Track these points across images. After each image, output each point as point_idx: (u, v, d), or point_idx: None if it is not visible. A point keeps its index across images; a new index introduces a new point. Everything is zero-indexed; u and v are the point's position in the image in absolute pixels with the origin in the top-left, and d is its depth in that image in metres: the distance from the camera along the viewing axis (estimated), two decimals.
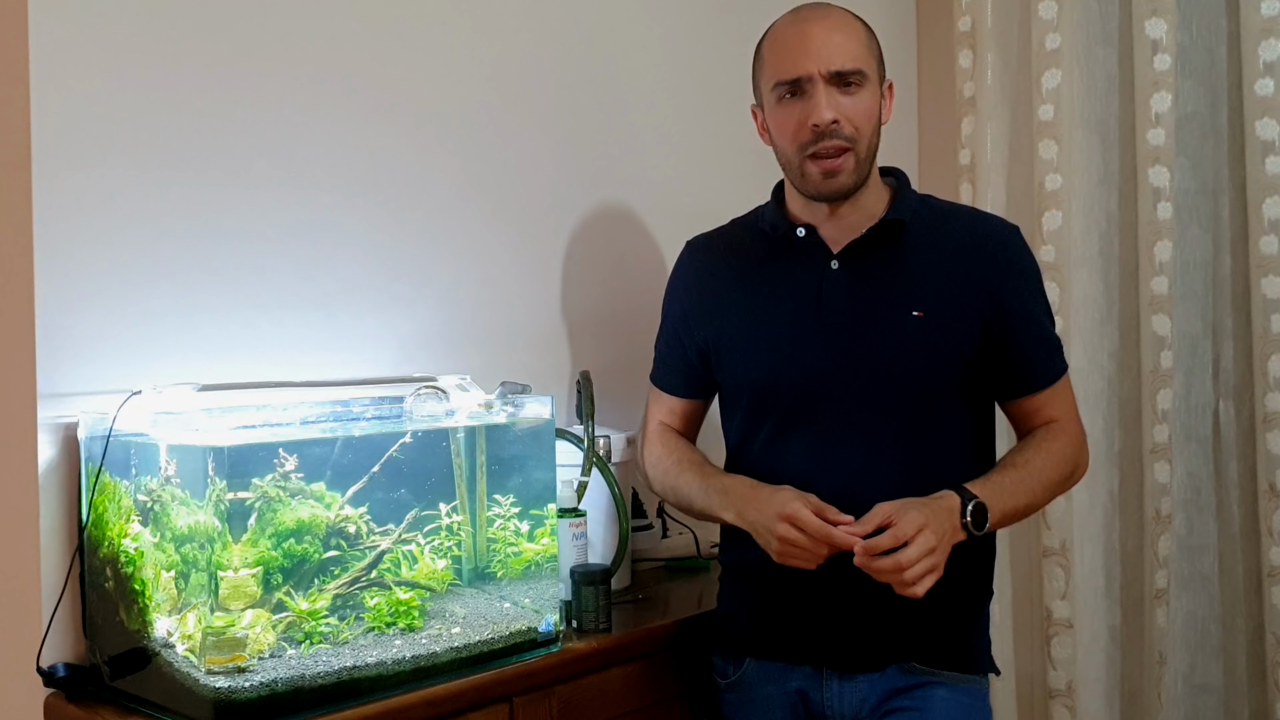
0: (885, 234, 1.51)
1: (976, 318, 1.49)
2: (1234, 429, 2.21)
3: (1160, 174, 2.23)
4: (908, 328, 1.47)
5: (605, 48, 2.05)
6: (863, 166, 1.49)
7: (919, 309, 1.48)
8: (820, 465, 1.47)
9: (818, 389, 1.49)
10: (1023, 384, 1.54)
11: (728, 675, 1.58)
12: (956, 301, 1.49)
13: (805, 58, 1.46)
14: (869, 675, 1.48)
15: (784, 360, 1.51)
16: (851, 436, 1.47)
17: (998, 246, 1.53)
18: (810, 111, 1.45)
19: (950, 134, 2.58)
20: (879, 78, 1.52)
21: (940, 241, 1.52)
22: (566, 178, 1.96)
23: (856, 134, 1.46)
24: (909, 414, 1.48)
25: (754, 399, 1.53)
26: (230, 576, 1.23)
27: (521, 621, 1.47)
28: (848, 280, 1.50)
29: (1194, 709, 2.19)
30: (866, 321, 1.49)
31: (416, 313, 1.74)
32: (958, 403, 1.51)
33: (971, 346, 1.49)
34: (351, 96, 1.66)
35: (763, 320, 1.53)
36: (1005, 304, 1.50)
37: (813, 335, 1.50)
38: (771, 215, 1.58)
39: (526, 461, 1.54)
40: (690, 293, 1.62)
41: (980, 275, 1.50)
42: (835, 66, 1.45)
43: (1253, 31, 2.15)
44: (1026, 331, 1.52)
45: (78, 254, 1.39)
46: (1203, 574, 2.19)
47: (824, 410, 1.49)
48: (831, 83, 1.45)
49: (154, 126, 1.46)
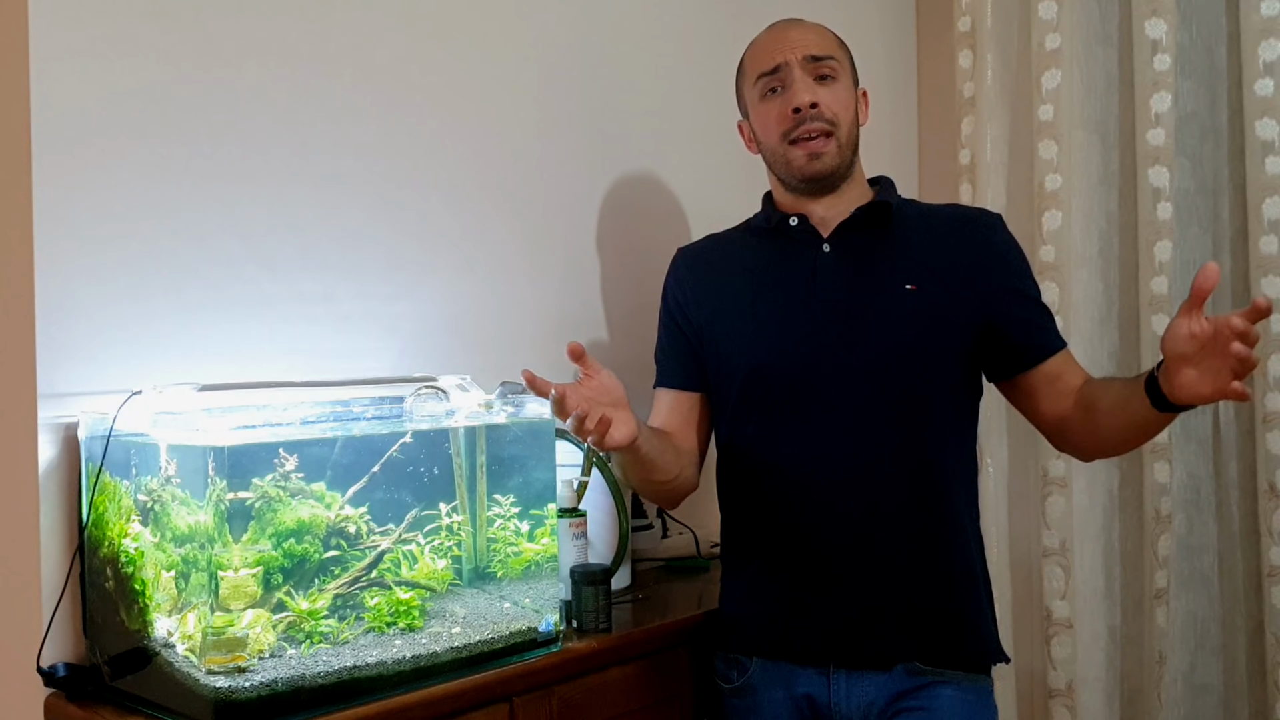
0: (873, 216, 1.56)
1: (969, 288, 1.52)
2: (1234, 429, 2.21)
3: (1160, 174, 2.23)
4: (901, 302, 1.50)
5: (612, 46, 2.05)
6: (844, 152, 1.55)
7: (911, 282, 1.51)
8: (813, 444, 1.49)
9: (812, 366, 1.50)
10: (1032, 351, 1.54)
11: (731, 680, 1.58)
12: (947, 276, 1.52)
13: (782, 49, 1.56)
14: (876, 675, 1.48)
15: (779, 341, 1.52)
16: (844, 413, 1.49)
17: (984, 227, 1.59)
18: (790, 99, 1.54)
19: (950, 134, 2.58)
20: (853, 79, 1.60)
21: (927, 224, 1.58)
22: (569, 177, 1.96)
23: (836, 119, 1.54)
24: (901, 388, 1.49)
25: (747, 382, 1.54)
26: (230, 576, 1.23)
27: (521, 621, 1.47)
28: (840, 261, 1.54)
29: (1194, 709, 2.19)
30: (860, 299, 1.51)
31: (417, 312, 1.74)
32: (949, 379, 1.52)
33: (964, 319, 1.51)
34: (354, 95, 1.66)
35: (754, 304, 1.56)
36: (995, 276, 1.54)
37: (807, 315, 1.52)
38: (763, 213, 1.63)
39: (526, 461, 1.54)
40: (683, 286, 1.64)
41: (969, 250, 1.55)
42: (810, 51, 1.55)
43: (1253, 31, 2.15)
44: (1023, 301, 1.56)
45: (78, 254, 1.39)
46: (1203, 574, 2.19)
47: (818, 389, 1.50)
48: (808, 70, 1.54)
49: (154, 126, 1.46)
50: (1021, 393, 1.58)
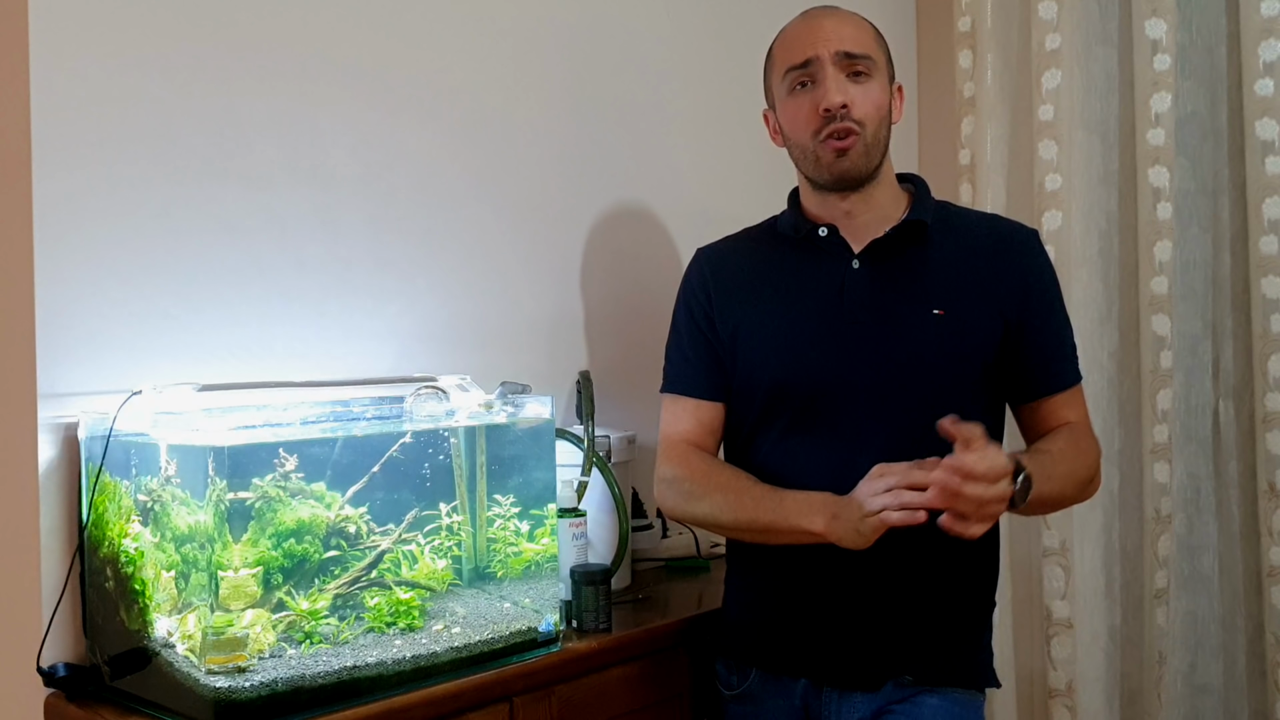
0: (907, 234, 1.51)
1: (997, 317, 1.49)
2: (1234, 429, 2.21)
3: (1160, 174, 2.23)
4: (927, 326, 1.47)
5: (619, 45, 2.05)
6: (871, 153, 1.49)
7: (939, 308, 1.47)
8: (833, 463, 1.46)
9: (836, 386, 1.48)
10: (1040, 385, 1.53)
11: (733, 686, 1.58)
12: (976, 301, 1.49)
13: (814, 42, 1.48)
14: (865, 694, 1.48)
15: (803, 356, 1.49)
16: (866, 435, 1.46)
17: (1019, 248, 1.54)
18: (820, 97, 1.47)
19: (950, 134, 2.58)
20: (889, 75, 1.53)
21: (961, 243, 1.53)
22: (571, 176, 1.96)
23: (865, 119, 1.47)
24: (925, 413, 1.45)
25: (769, 395, 1.51)
26: (230, 576, 1.23)
27: (521, 621, 1.47)
28: (869, 279, 1.50)
29: (1194, 709, 2.19)
30: (887, 320, 1.48)
31: (417, 312, 1.74)
32: (973, 404, 1.48)
33: (990, 346, 1.49)
34: (358, 95, 1.66)
35: (782, 316, 1.52)
36: (1025, 304, 1.50)
37: (833, 333, 1.49)
38: (791, 218, 1.58)
39: (526, 461, 1.54)
40: (708, 290, 1.59)
41: (1001, 275, 1.50)
42: (844, 48, 1.47)
43: (1253, 31, 2.15)
44: (1047, 332, 1.53)
45: (78, 254, 1.39)
46: (1203, 574, 2.19)
47: (840, 407, 1.47)
48: (840, 67, 1.47)
49: (154, 125, 1.46)
50: (1018, 417, 1.57)
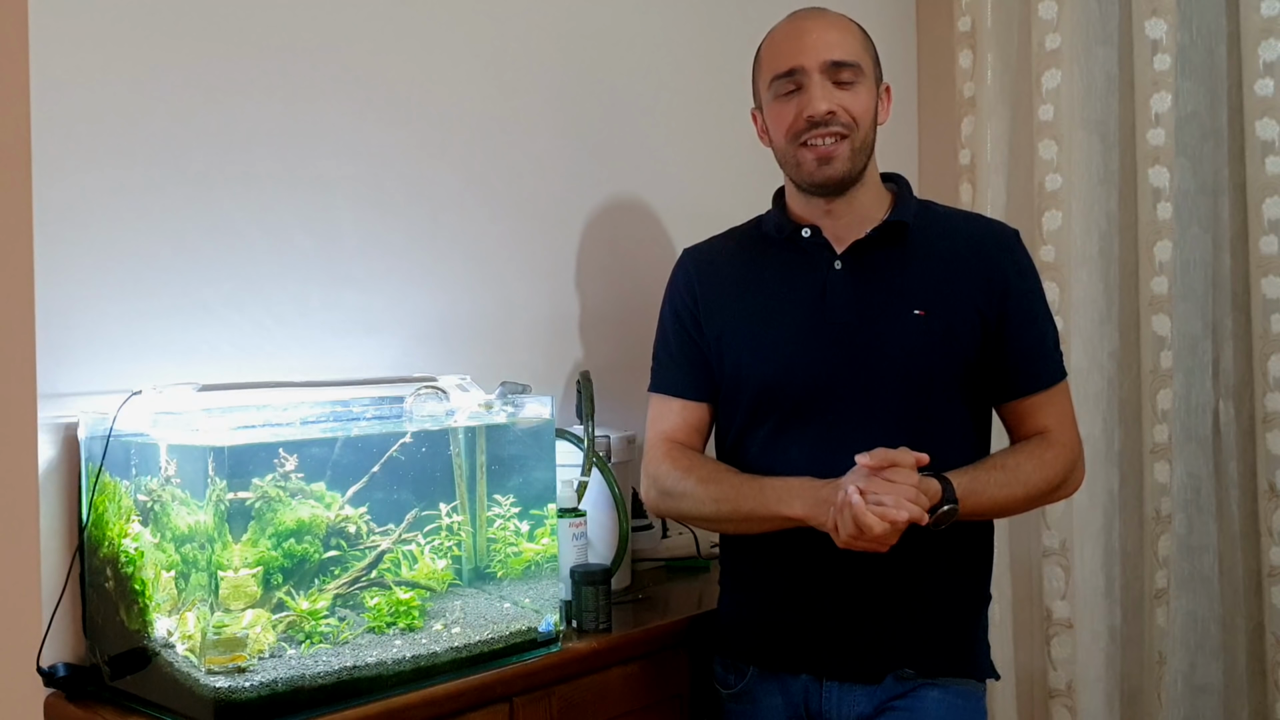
0: (888, 235, 1.52)
1: (977, 316, 1.49)
2: (1234, 429, 2.21)
3: (1160, 174, 2.23)
4: (909, 326, 1.48)
5: (612, 45, 2.05)
6: (858, 157, 1.49)
7: (920, 308, 1.48)
8: (820, 463, 1.46)
9: (821, 387, 1.49)
10: (1019, 385, 1.53)
11: (730, 685, 1.58)
12: (957, 301, 1.49)
13: (801, 51, 1.48)
14: (866, 686, 1.48)
15: (788, 358, 1.50)
16: (852, 435, 1.46)
17: (998, 247, 1.54)
18: (805, 104, 1.47)
19: (950, 134, 2.58)
20: (876, 78, 1.53)
21: (942, 243, 1.53)
22: (569, 177, 1.96)
23: (853, 124, 1.48)
24: (909, 413, 1.47)
25: (756, 397, 1.53)
26: (230, 576, 1.23)
27: (521, 621, 1.47)
28: (851, 280, 1.51)
29: (1194, 709, 2.19)
30: (869, 320, 1.49)
31: (416, 312, 1.74)
32: (957, 403, 1.51)
33: (972, 345, 1.49)
34: (354, 95, 1.66)
35: (766, 318, 1.53)
36: (1005, 303, 1.51)
37: (817, 334, 1.50)
38: (774, 219, 1.59)
39: (526, 461, 1.54)
40: (693, 292, 1.60)
41: (981, 274, 1.51)
42: (831, 57, 1.47)
43: (1253, 31, 2.15)
44: (1025, 332, 1.52)
45: (78, 254, 1.39)
46: (1203, 574, 2.19)
47: (826, 409, 1.49)
48: (827, 75, 1.47)
49: (154, 126, 1.46)
50: (1001, 416, 1.57)
